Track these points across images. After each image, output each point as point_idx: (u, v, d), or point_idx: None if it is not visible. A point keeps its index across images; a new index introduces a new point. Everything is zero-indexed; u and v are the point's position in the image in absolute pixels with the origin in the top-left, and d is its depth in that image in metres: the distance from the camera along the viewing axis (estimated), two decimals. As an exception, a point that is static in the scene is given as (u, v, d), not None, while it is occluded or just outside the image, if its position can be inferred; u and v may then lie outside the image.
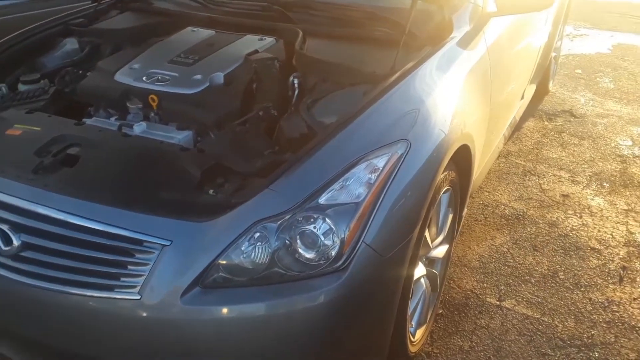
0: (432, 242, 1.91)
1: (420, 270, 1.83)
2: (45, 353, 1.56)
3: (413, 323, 1.88)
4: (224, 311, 1.33)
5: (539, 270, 2.45)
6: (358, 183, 1.42)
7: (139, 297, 1.31)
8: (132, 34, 2.23)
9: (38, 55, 2.20)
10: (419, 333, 1.93)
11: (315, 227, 1.35)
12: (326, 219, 1.36)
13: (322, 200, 1.38)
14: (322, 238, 1.35)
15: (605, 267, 2.47)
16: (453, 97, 1.86)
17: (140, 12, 2.46)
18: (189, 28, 2.21)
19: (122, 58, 2.05)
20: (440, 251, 2.01)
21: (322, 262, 1.35)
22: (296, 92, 1.83)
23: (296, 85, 1.84)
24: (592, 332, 2.12)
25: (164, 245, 1.32)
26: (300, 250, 1.35)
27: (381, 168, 1.46)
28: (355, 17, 2.08)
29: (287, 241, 1.35)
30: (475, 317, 2.18)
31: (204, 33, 2.16)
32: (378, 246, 1.40)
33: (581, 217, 2.84)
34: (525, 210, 2.88)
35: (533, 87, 3.58)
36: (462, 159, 1.92)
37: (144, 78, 1.87)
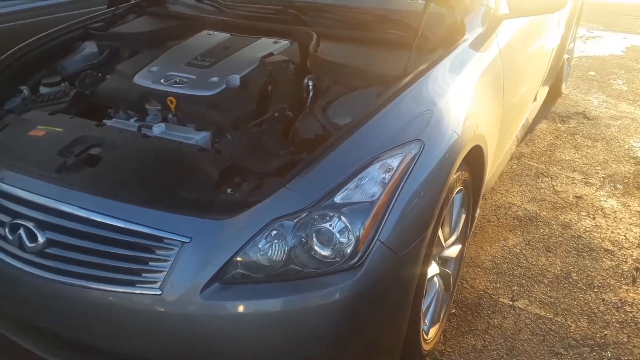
0: (445, 242, 1.93)
1: (433, 269, 1.85)
2: (71, 348, 1.59)
3: (426, 321, 1.90)
4: (242, 307, 1.36)
5: (552, 271, 2.45)
6: (373, 182, 1.44)
7: (160, 293, 1.35)
8: (150, 38, 2.28)
9: (58, 58, 2.26)
10: (432, 331, 1.95)
11: (331, 225, 1.38)
12: (342, 217, 1.38)
13: (338, 199, 1.41)
14: (338, 236, 1.38)
15: (618, 268, 2.47)
16: (466, 99, 1.88)
17: (156, 16, 2.50)
18: (205, 32, 2.25)
19: (141, 61, 2.09)
20: (453, 251, 2.03)
21: (338, 260, 1.38)
22: (311, 94, 1.86)
23: (311, 87, 1.87)
24: (605, 332, 2.12)
25: (184, 242, 1.36)
26: (316, 247, 1.38)
27: (395, 168, 1.48)
28: (368, 20, 2.10)
29: (303, 239, 1.38)
30: (488, 317, 2.19)
31: (220, 36, 2.20)
32: (392, 244, 1.43)
33: (594, 219, 2.83)
34: (538, 211, 2.89)
35: (546, 89, 3.58)
36: (475, 160, 1.94)
37: (162, 80, 1.91)
